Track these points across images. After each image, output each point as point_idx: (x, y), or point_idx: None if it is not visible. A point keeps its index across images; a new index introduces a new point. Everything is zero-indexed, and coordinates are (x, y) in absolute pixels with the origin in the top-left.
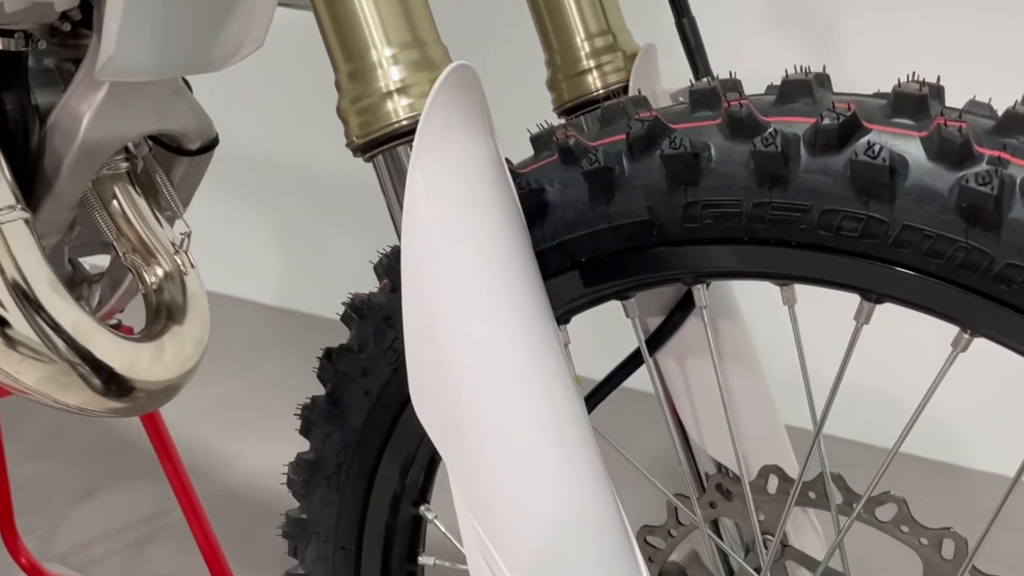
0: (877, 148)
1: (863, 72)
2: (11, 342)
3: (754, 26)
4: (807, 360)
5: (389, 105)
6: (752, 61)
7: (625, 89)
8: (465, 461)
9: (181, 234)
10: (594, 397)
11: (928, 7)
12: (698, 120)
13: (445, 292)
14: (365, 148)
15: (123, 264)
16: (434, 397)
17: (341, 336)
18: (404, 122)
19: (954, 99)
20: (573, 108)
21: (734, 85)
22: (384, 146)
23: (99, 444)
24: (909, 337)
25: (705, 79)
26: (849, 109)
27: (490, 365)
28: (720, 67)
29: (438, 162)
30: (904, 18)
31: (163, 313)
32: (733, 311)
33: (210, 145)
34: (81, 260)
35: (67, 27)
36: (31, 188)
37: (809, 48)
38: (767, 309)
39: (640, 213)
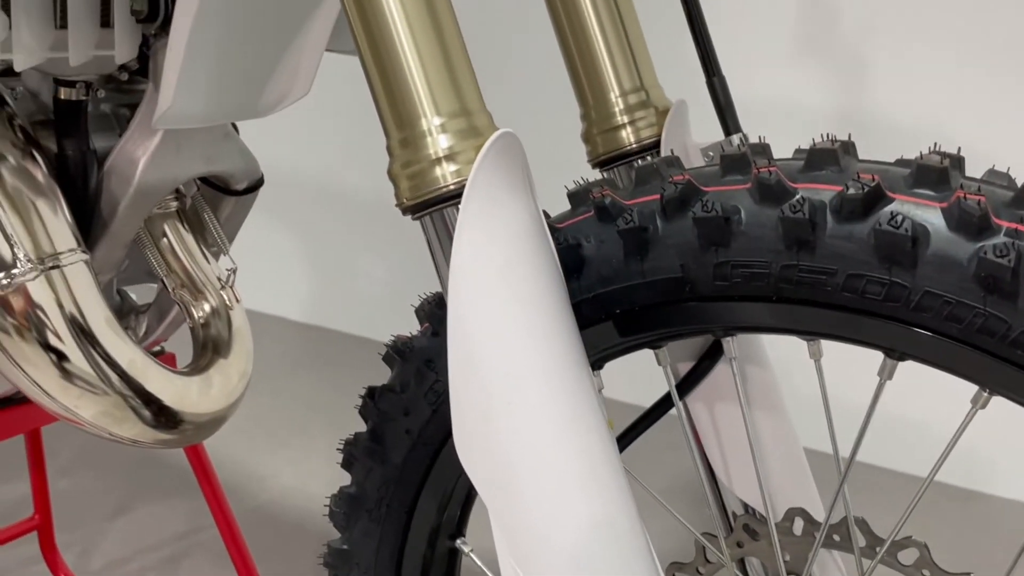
0: (900, 218)
1: (886, 101)
2: (70, 378)
3: (781, 56)
4: (836, 395)
5: (438, 171)
6: (780, 90)
7: (657, 143)
8: (506, 505)
9: (227, 270)
10: (625, 439)
11: (949, 41)
12: (729, 184)
13: (489, 346)
14: (414, 209)
15: (170, 297)
16: (478, 445)
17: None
18: (451, 186)
19: (975, 135)
20: (607, 160)
21: (763, 150)
22: (432, 208)
23: (131, 460)
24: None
25: (736, 140)
26: (873, 180)
27: (531, 415)
28: (749, 96)
29: (483, 223)
30: (925, 50)
31: (210, 347)
32: (761, 357)
33: (255, 185)
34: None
35: (124, 76)
36: (88, 228)
37: (834, 77)
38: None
39: (673, 270)
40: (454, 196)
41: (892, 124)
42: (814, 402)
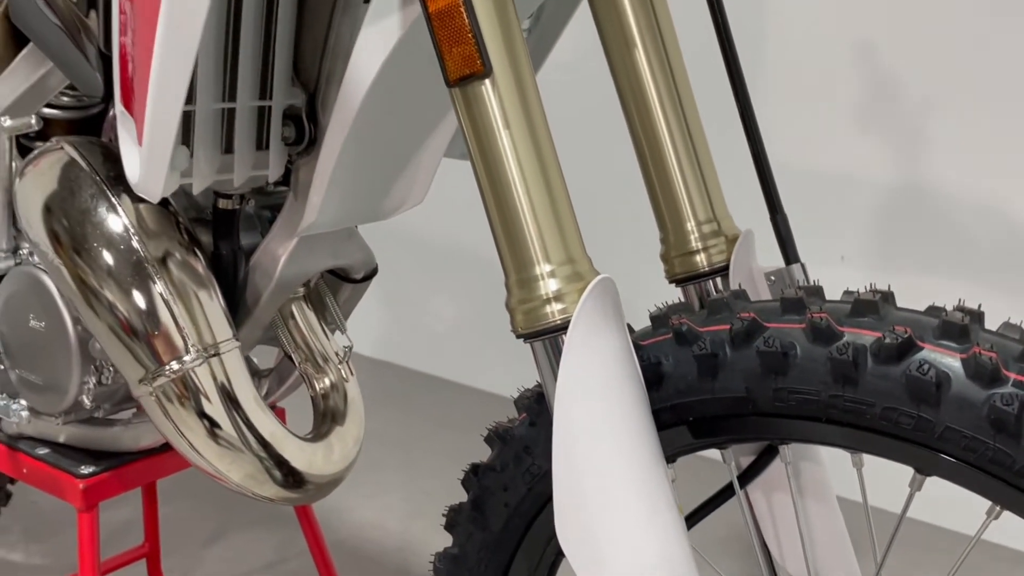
0: (927, 367)
1: (944, 171)
2: (224, 446)
3: (843, 127)
4: None
5: (547, 308)
6: (841, 160)
7: (727, 267)
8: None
9: (344, 347)
10: (691, 519)
11: (1010, 117)
12: (787, 322)
13: (587, 447)
14: (527, 336)
15: (290, 365)
16: (575, 528)
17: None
18: (558, 321)
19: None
20: (683, 279)
21: (817, 291)
22: (542, 336)
23: (224, 490)
24: None
25: (796, 271)
26: (906, 332)
27: (620, 503)
28: (809, 166)
29: (584, 350)
30: (986, 125)
31: (328, 416)
32: (814, 452)
33: (371, 274)
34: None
35: (269, 187)
36: (234, 315)
37: (894, 148)
38: None
39: (739, 390)
40: (560, 328)
41: (950, 197)
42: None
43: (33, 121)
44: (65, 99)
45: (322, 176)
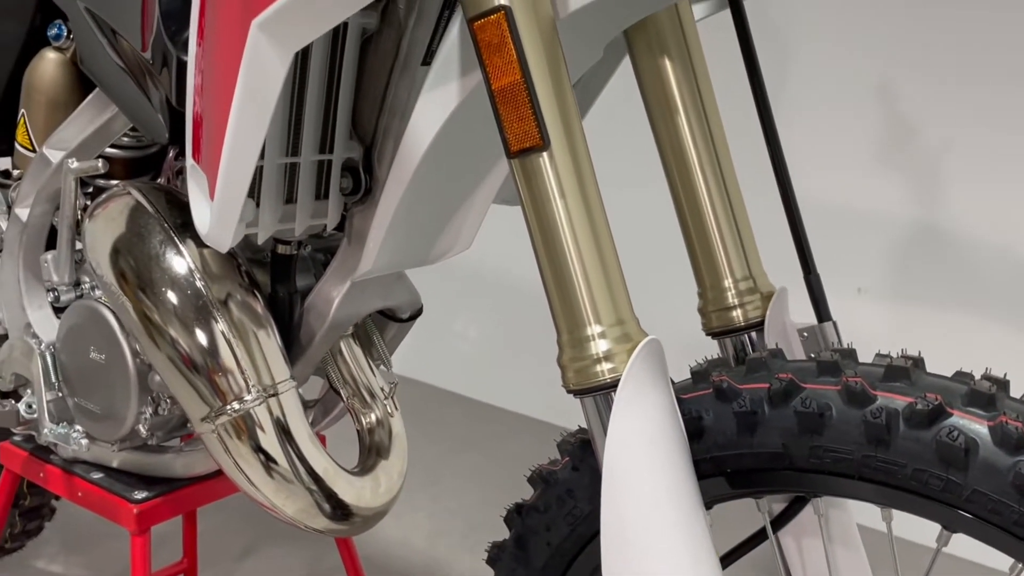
0: (956, 434)
1: (963, 207)
2: (279, 481)
3: (863, 162)
4: None
5: (598, 368)
6: (860, 194)
7: (762, 322)
8: None
9: (389, 383)
10: (724, 562)
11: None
12: (823, 384)
13: (636, 500)
14: (577, 392)
15: (334, 397)
16: (622, 572)
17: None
18: (608, 379)
19: None
20: (719, 333)
21: (850, 354)
22: (592, 393)
23: (249, 505)
24: None
25: (829, 328)
26: (937, 399)
27: (665, 553)
28: (828, 198)
29: (633, 409)
30: (1006, 161)
31: (374, 450)
32: (841, 500)
33: (416, 314)
34: None
35: (325, 233)
36: (289, 354)
37: (911, 182)
38: None
39: (776, 446)
40: (609, 386)
41: (968, 233)
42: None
43: (100, 164)
44: (125, 140)
45: (379, 226)
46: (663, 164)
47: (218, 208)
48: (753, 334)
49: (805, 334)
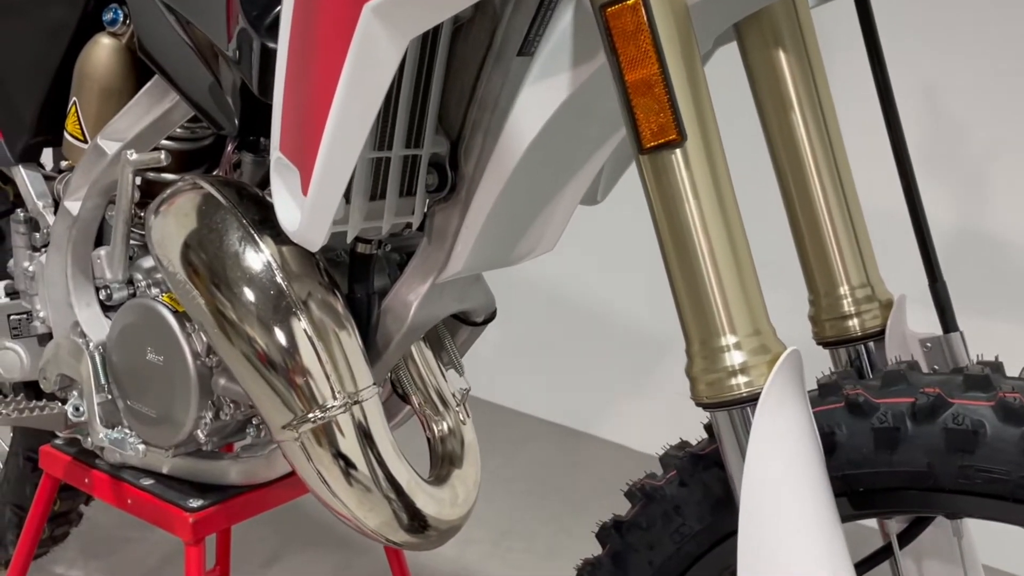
0: None
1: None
2: (363, 493)
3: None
4: None
5: (733, 381)
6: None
7: (880, 332)
8: None
9: (461, 389)
10: None
11: None
12: (973, 399)
13: (776, 519)
14: (709, 406)
15: (399, 400)
16: None
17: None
18: (743, 393)
19: None
20: (833, 343)
21: (998, 367)
22: (727, 407)
23: (276, 511)
24: None
25: (957, 339)
26: None
27: (807, 560)
28: (870, 205)
29: (774, 425)
30: None
31: (447, 460)
32: (962, 522)
33: (490, 318)
34: None
35: (405, 232)
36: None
37: (955, 188)
38: None
39: (919, 465)
40: (746, 400)
41: (1013, 240)
42: None
43: (162, 156)
44: (178, 131)
45: (471, 226)
46: (774, 163)
47: (312, 204)
48: (871, 344)
49: (928, 344)
